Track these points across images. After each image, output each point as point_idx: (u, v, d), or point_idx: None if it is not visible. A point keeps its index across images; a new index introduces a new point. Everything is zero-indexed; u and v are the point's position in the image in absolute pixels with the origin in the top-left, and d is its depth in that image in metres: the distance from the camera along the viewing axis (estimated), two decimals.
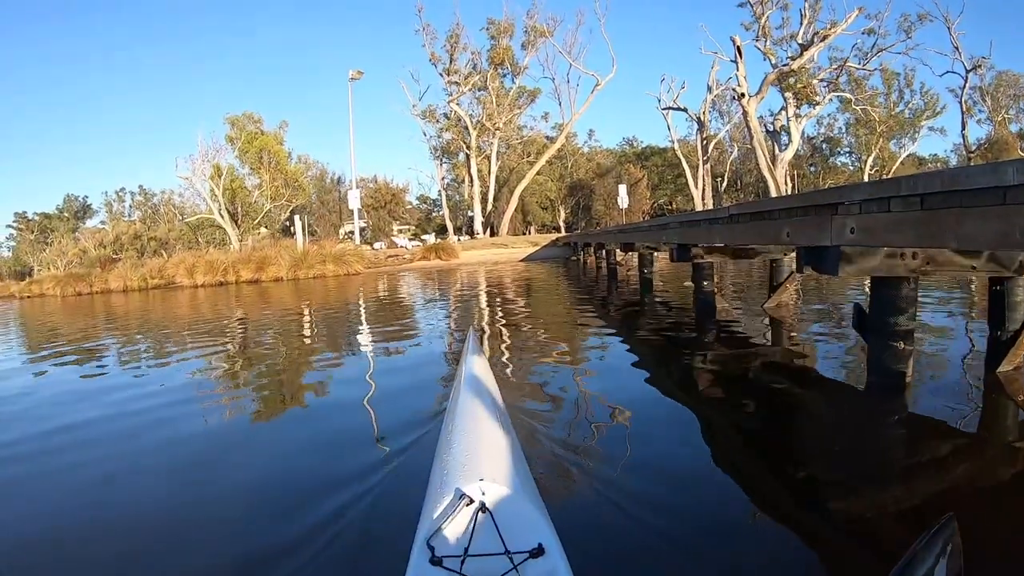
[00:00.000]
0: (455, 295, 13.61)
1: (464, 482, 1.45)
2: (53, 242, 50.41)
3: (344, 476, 2.70)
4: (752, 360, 4.99)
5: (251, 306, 14.64)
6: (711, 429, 3.25)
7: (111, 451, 3.54)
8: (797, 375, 4.48)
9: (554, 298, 11.89)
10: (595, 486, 2.47)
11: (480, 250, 29.19)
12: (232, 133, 38.18)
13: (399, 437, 3.18)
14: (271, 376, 5.72)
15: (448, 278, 19.59)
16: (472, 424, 2.00)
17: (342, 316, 11.16)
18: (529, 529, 1.38)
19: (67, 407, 4.81)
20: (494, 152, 37.23)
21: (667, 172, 52.07)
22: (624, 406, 3.70)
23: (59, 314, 17.60)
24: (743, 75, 29.80)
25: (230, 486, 2.84)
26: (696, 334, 6.47)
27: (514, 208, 37.09)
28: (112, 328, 11.60)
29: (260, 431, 3.87)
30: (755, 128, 30.07)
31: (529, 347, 6.26)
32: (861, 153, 44.37)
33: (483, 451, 1.75)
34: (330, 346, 7.38)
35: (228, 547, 2.22)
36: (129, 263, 30.60)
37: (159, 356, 7.45)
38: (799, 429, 3.35)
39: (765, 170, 30.12)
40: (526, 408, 3.61)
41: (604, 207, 48.05)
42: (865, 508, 2.25)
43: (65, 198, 63.64)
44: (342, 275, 23.52)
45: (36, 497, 2.90)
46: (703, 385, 4.33)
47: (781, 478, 2.66)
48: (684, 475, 2.64)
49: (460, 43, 34.61)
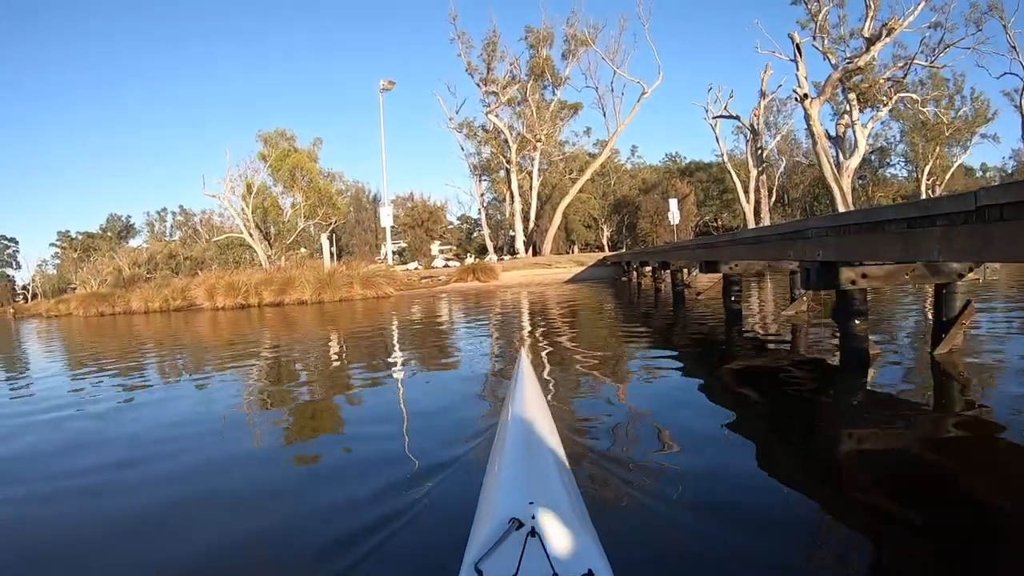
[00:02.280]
0: (495, 321, 11.25)
1: (514, 506, 1.43)
2: (95, 260, 50.61)
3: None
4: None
5: (248, 337, 12.56)
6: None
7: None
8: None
9: (614, 331, 9.40)
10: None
11: (522, 270, 26.81)
12: (265, 151, 37.08)
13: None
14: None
15: (486, 302, 17.29)
16: (522, 446, 1.93)
17: (361, 346, 8.91)
18: (579, 555, 1.34)
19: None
20: (536, 167, 35.05)
21: (712, 188, 49.38)
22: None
23: (65, 336, 15.89)
24: (804, 75, 26.95)
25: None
26: (842, 394, 4.27)
27: (558, 225, 34.73)
28: (100, 358, 9.55)
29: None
30: (819, 133, 27.09)
31: (587, 393, 4.73)
32: (918, 162, 41.22)
33: (533, 474, 1.71)
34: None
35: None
36: (154, 284, 29.32)
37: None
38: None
39: (830, 179, 27.03)
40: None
41: (650, 224, 45.90)
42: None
43: (108, 217, 64.78)
44: (371, 298, 21.44)
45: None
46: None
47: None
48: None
49: (497, 51, 32.74)
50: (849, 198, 28.19)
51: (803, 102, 26.52)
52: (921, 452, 2.97)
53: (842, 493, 2.54)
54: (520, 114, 34.16)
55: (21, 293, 66.34)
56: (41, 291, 59.80)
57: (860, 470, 2.79)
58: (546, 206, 38.74)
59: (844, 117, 31.03)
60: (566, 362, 6.11)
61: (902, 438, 3.18)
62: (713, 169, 50.39)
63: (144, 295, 26.97)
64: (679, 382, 4.89)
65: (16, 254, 70.88)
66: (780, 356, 5.81)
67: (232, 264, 36.39)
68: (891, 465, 2.81)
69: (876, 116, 31.52)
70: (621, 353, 6.80)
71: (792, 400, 4.10)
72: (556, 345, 7.50)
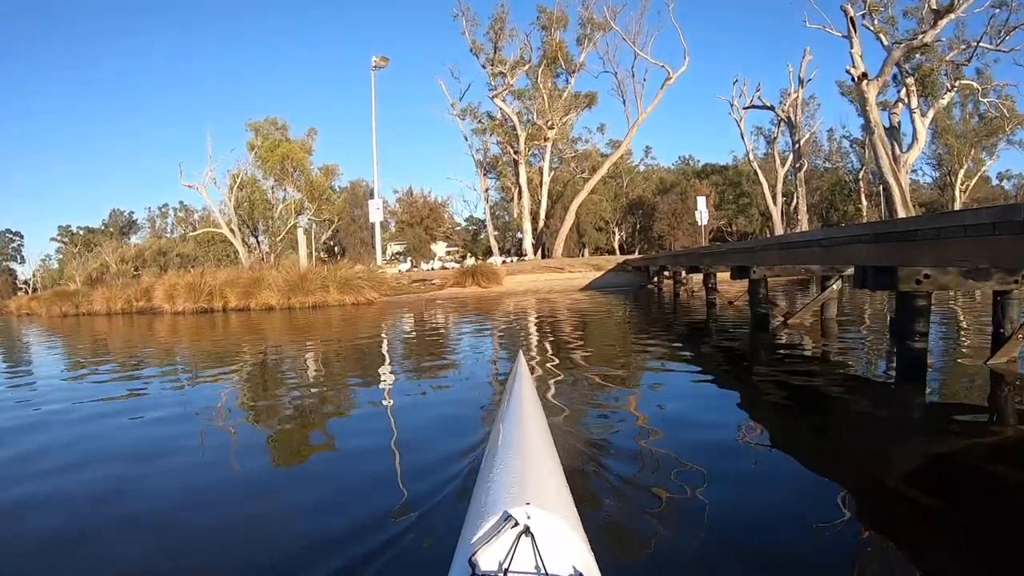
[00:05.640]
0: (487, 354, 8.08)
1: (509, 505, 1.43)
2: (84, 256, 48.52)
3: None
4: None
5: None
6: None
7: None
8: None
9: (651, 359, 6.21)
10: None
11: (529, 275, 23.54)
12: (255, 140, 34.26)
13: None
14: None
15: (483, 311, 14.13)
16: (518, 447, 1.99)
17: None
18: (569, 555, 1.36)
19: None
20: (547, 159, 31.79)
21: (728, 191, 45.95)
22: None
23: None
24: (859, 53, 23.39)
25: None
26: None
27: (570, 226, 31.44)
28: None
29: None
30: (876, 120, 23.39)
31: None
32: (952, 164, 37.52)
33: (528, 475, 1.74)
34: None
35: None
36: (120, 283, 26.43)
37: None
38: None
39: (888, 174, 23.31)
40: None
41: (668, 227, 42.91)
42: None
43: (111, 213, 62.77)
44: (349, 304, 18.28)
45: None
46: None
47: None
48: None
49: (506, 29, 29.52)
50: (908, 197, 24.71)
51: (860, 83, 22.94)
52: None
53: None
54: (531, 98, 30.96)
55: (23, 287, 64.81)
56: (41, 285, 58.02)
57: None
58: (556, 205, 35.60)
59: (898, 105, 27.68)
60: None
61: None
62: (728, 172, 47.34)
63: (106, 295, 24.05)
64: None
65: (20, 248, 68.86)
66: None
67: (213, 262, 33.51)
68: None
69: (935, 104, 28.01)
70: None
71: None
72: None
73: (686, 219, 42.16)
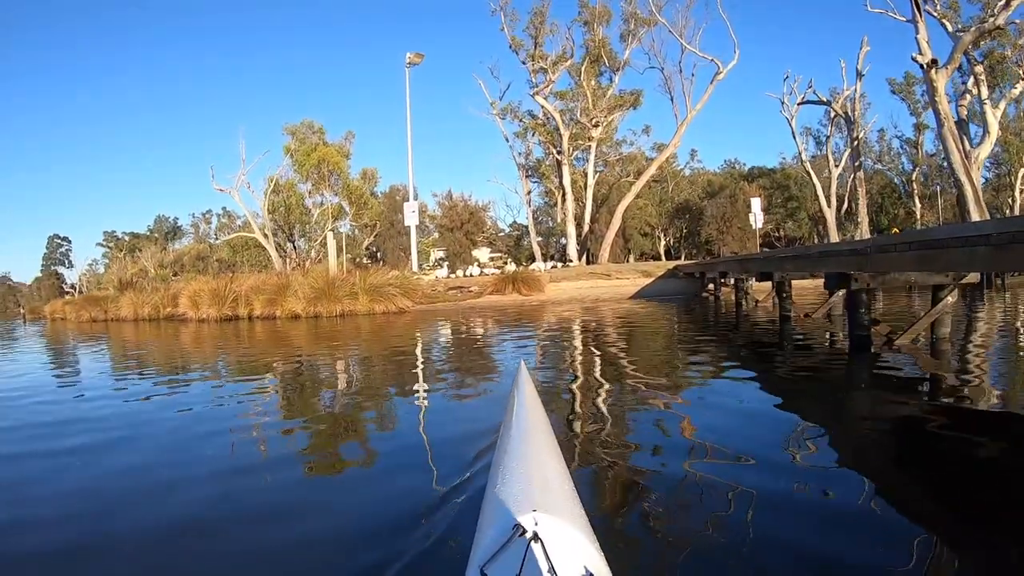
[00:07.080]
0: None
1: (519, 512, 1.41)
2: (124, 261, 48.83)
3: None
4: None
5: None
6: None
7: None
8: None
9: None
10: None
11: (574, 281, 21.84)
12: (292, 144, 33.55)
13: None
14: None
15: (522, 322, 12.55)
16: (525, 455, 1.94)
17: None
18: (580, 560, 1.33)
19: None
20: (591, 160, 30.05)
21: (776, 195, 43.43)
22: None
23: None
24: (925, 39, 21.03)
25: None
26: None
27: (616, 230, 29.61)
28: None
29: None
30: (945, 111, 20.91)
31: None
32: (1012, 164, 34.69)
33: (535, 482, 1.70)
34: None
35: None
36: (149, 288, 25.79)
37: None
38: None
39: (959, 171, 20.76)
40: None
41: (717, 231, 40.84)
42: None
43: (156, 218, 63.80)
44: (379, 313, 16.90)
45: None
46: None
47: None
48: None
49: (546, 23, 27.93)
50: (981, 196, 22.19)
51: (929, 71, 20.61)
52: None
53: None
54: (574, 97, 29.32)
55: (69, 291, 66.26)
56: (86, 290, 59.09)
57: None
58: (601, 209, 33.81)
59: (965, 97, 25.19)
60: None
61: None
62: (776, 175, 45.01)
63: (134, 301, 23.36)
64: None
65: (69, 253, 70.44)
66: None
67: (247, 267, 32.83)
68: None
69: (1009, 95, 25.44)
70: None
71: None
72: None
73: (736, 223, 40.10)
